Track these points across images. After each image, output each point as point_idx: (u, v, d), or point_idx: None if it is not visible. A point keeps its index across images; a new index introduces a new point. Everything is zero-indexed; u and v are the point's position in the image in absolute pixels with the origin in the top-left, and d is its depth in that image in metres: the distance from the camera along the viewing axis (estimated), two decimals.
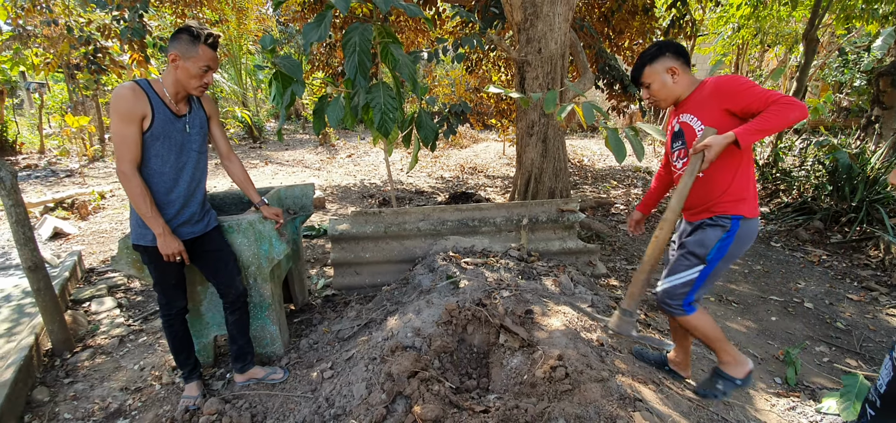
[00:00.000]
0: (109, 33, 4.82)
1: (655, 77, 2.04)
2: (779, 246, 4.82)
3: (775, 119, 1.72)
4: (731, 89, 1.86)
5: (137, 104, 1.93)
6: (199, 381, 2.40)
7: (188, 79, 2.01)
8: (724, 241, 1.96)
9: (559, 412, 1.86)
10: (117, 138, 1.93)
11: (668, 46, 2.04)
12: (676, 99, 2.07)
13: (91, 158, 10.17)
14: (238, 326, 2.42)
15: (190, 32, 1.97)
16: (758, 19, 7.57)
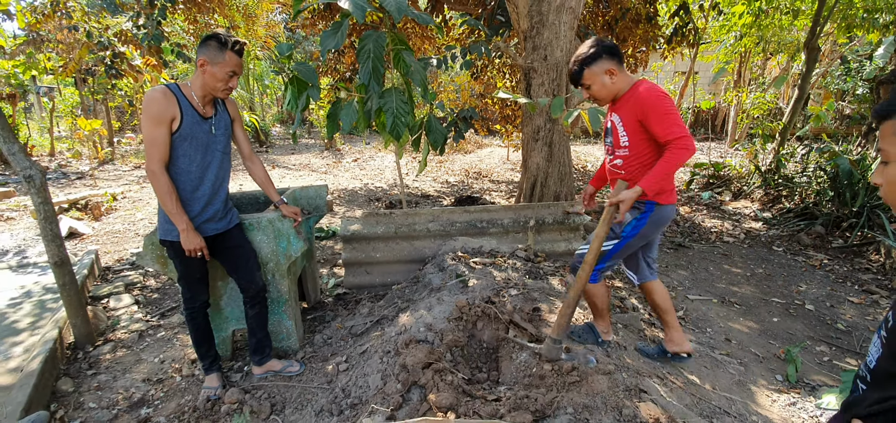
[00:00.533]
0: (126, 39, 4.95)
1: (595, 79, 2.13)
2: (781, 251, 4.89)
3: (670, 165, 1.95)
4: (650, 109, 2.00)
5: (168, 107, 2.04)
6: (219, 373, 2.49)
7: (215, 82, 2.12)
8: (639, 221, 2.19)
9: (567, 401, 1.95)
10: (148, 139, 2.03)
11: (604, 48, 2.11)
12: (614, 97, 2.18)
13: (102, 160, 10.32)
14: (258, 319, 2.51)
15: (218, 39, 2.09)
16: (760, 28, 7.67)
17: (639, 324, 3.00)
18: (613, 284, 3.82)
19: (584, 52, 2.13)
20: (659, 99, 2.00)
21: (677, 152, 1.94)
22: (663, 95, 2.02)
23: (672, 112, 1.99)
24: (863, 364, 0.94)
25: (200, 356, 2.46)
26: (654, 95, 2.00)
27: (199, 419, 2.21)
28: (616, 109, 2.17)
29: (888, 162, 0.82)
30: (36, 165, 2.60)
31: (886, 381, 0.86)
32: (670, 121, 1.97)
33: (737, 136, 11.63)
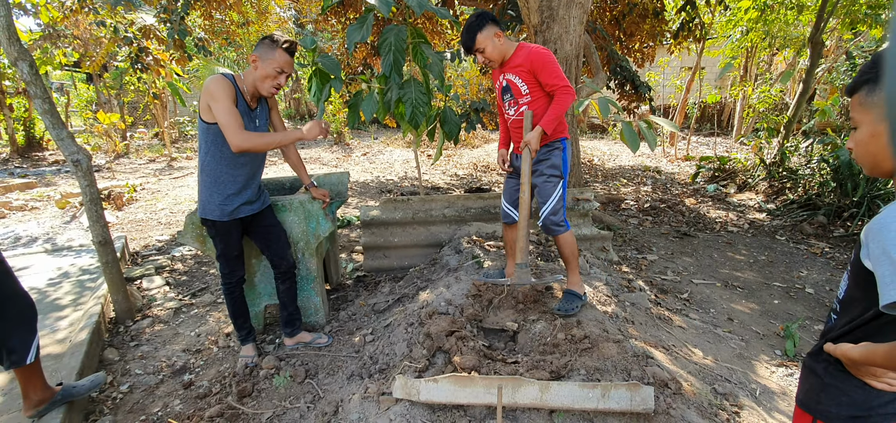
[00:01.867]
0: (150, 34, 5.14)
1: (487, 42, 2.42)
2: (784, 239, 5.04)
3: (561, 108, 2.38)
4: (541, 64, 2.38)
5: (233, 90, 2.24)
6: (253, 343, 2.69)
7: (264, 79, 2.29)
8: (563, 155, 2.54)
9: (580, 364, 2.13)
10: (227, 115, 2.16)
11: (486, 16, 2.44)
12: (503, 58, 2.49)
13: (118, 154, 10.57)
14: (289, 294, 2.70)
15: (271, 39, 2.29)
16: (765, 23, 7.77)
17: (646, 303, 3.16)
18: (621, 269, 3.99)
19: (472, 21, 2.43)
20: (547, 54, 2.39)
21: (564, 97, 2.37)
22: (548, 51, 2.41)
23: (555, 63, 2.39)
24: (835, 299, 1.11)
25: (237, 328, 2.65)
26: (543, 52, 2.39)
27: (240, 382, 2.40)
28: (510, 69, 2.48)
29: (857, 127, 0.99)
30: (82, 149, 2.79)
31: (851, 306, 1.03)
32: (557, 72, 2.37)
33: (742, 130, 11.72)
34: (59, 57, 10.83)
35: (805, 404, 1.16)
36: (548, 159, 2.52)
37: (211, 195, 2.36)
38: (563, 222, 2.53)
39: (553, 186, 2.51)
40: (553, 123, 2.40)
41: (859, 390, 1.04)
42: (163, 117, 10.54)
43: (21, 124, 11.44)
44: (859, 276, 0.98)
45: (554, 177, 2.51)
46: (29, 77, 2.58)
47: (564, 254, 2.58)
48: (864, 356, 0.96)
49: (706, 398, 2.12)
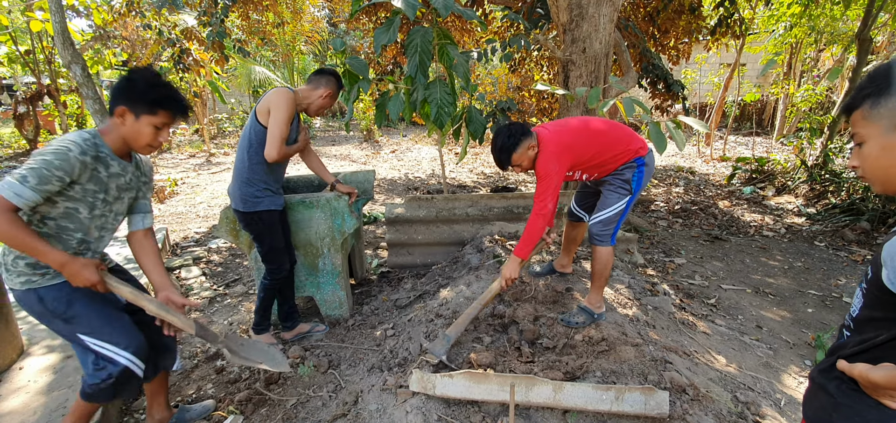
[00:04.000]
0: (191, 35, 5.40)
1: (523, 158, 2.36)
2: (823, 245, 4.83)
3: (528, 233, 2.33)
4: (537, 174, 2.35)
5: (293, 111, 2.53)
6: (269, 332, 2.83)
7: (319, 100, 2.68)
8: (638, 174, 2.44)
9: (596, 366, 2.14)
10: (279, 128, 2.44)
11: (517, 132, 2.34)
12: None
13: (161, 149, 11.09)
14: (291, 288, 2.85)
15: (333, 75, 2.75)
16: (810, 18, 7.41)
17: (669, 307, 3.12)
18: (646, 271, 3.93)
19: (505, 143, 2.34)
20: (543, 168, 2.31)
21: (533, 220, 2.31)
22: (551, 160, 2.30)
23: (547, 177, 2.29)
24: (847, 315, 1.09)
25: (263, 318, 2.78)
26: (542, 166, 2.31)
27: (267, 370, 2.52)
28: None
29: (862, 143, 0.97)
30: None
31: (866, 325, 1.01)
32: (541, 191, 2.30)
33: (784, 130, 11.23)
34: (109, 57, 11.47)
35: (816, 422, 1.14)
36: (622, 174, 2.45)
37: (259, 189, 2.55)
38: (610, 236, 2.45)
39: (617, 198, 2.44)
40: (525, 249, 2.36)
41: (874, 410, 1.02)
42: (202, 115, 11.00)
43: (74, 121, 12.17)
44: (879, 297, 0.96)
45: (622, 190, 2.44)
46: (81, 79, 2.78)
47: (595, 267, 2.51)
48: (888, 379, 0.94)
49: (726, 405, 2.09)
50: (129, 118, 1.63)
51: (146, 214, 1.90)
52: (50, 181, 1.49)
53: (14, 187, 1.45)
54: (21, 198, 1.45)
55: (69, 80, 11.52)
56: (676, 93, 6.58)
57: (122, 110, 1.62)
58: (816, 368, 1.16)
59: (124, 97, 1.62)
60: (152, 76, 1.66)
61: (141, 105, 1.62)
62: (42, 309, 1.65)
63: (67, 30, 2.70)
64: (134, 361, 1.72)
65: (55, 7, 2.67)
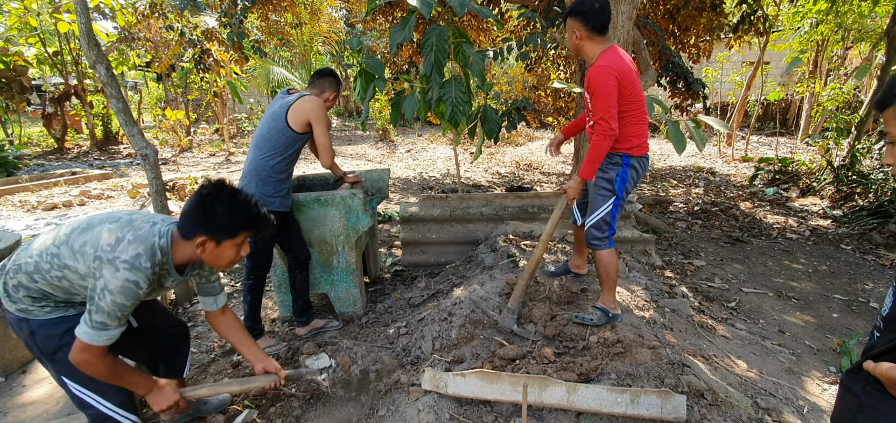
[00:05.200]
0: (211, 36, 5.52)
1: (569, 31, 2.27)
2: (849, 249, 4.68)
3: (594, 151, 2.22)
4: (592, 88, 2.19)
5: None
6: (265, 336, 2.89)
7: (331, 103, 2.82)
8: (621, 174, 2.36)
9: (611, 368, 2.10)
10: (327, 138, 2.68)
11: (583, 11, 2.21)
12: (582, 56, 2.35)
13: (183, 148, 11.34)
14: (305, 283, 2.89)
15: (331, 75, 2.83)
16: (837, 14, 7.18)
17: (687, 310, 3.06)
18: (663, 273, 3.86)
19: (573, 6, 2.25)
20: (600, 78, 2.15)
21: (598, 139, 2.20)
22: (606, 75, 2.14)
23: (604, 93, 2.14)
24: (879, 316, 1.06)
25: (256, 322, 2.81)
26: (598, 73, 2.15)
27: (284, 365, 2.55)
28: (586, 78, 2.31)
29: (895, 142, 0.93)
30: (151, 145, 3.06)
31: (895, 325, 0.98)
32: (600, 102, 2.16)
33: (809, 130, 10.92)
34: (133, 58, 11.78)
35: None
36: (604, 173, 2.39)
37: (272, 189, 2.61)
38: (605, 238, 2.41)
39: (602, 200, 2.40)
40: (590, 169, 2.27)
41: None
42: (223, 114, 11.21)
43: (100, 120, 12.52)
44: None
45: (605, 190, 2.39)
46: (106, 79, 2.85)
47: (599, 272, 2.48)
48: None
49: (746, 411, 2.04)
50: (210, 246, 1.55)
51: (217, 295, 1.86)
52: (124, 314, 1.48)
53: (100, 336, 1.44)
54: (110, 338, 1.47)
55: (96, 80, 11.86)
56: (697, 92, 6.45)
57: (202, 240, 1.53)
58: (846, 370, 1.13)
59: (204, 228, 1.53)
60: (230, 201, 1.56)
61: (222, 233, 1.55)
62: (31, 342, 1.58)
63: (93, 31, 2.77)
64: (119, 412, 1.66)
65: (81, 8, 2.74)
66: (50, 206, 6.49)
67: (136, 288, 1.45)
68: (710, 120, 3.41)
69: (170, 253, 1.56)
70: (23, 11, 8.97)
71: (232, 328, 1.90)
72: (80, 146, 12.62)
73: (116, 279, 1.42)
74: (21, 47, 11.05)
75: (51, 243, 1.53)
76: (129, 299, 1.45)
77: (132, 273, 1.44)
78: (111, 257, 1.45)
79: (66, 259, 1.48)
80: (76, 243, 1.50)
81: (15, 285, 1.53)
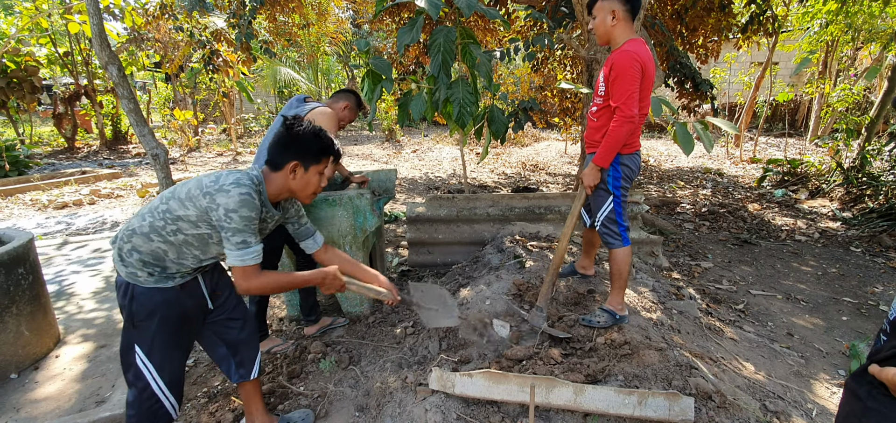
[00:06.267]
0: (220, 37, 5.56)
1: (601, 12, 2.21)
2: (859, 251, 4.64)
3: (614, 136, 2.18)
4: (615, 72, 2.14)
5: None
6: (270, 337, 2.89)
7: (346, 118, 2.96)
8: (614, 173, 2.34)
9: (618, 370, 2.10)
10: None
11: None
12: (608, 41, 2.27)
13: (191, 148, 11.42)
14: None
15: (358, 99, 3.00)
16: (848, 14, 7.11)
17: (695, 312, 3.05)
18: (671, 275, 3.85)
19: None
20: (626, 63, 2.10)
21: (619, 124, 2.15)
22: (632, 61, 2.10)
23: (628, 79, 2.11)
24: (885, 320, 1.05)
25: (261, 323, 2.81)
26: (624, 58, 2.11)
27: (291, 363, 2.57)
28: (607, 63, 2.27)
29: None
30: (161, 145, 3.09)
31: None
32: (623, 88, 2.12)
33: (819, 131, 10.82)
34: (142, 58, 11.88)
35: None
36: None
37: None
38: (618, 235, 2.40)
39: (600, 200, 2.42)
40: (607, 155, 2.23)
41: None
42: (230, 115, 11.28)
43: (109, 120, 12.65)
44: None
45: (601, 190, 2.41)
46: (117, 79, 2.89)
47: (612, 268, 2.45)
48: None
49: (754, 414, 2.03)
50: (300, 171, 1.73)
51: (313, 236, 2.01)
52: (255, 226, 1.64)
53: (246, 255, 1.61)
54: (257, 256, 1.64)
55: (105, 80, 11.98)
56: (705, 92, 6.41)
57: (293, 165, 1.71)
58: (851, 374, 1.12)
59: (293, 152, 1.71)
60: (313, 129, 1.75)
61: (310, 157, 1.73)
62: (125, 302, 1.67)
63: (105, 32, 2.80)
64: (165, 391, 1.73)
65: (93, 10, 2.77)
66: (61, 204, 6.56)
67: (251, 199, 1.60)
68: (719, 121, 3.40)
69: (263, 183, 1.71)
70: (34, 12, 9.08)
71: (342, 259, 2.01)
72: (89, 146, 12.76)
73: (232, 198, 1.57)
74: (32, 47, 11.19)
75: (158, 204, 1.66)
76: (251, 209, 1.60)
77: (242, 188, 1.59)
78: (218, 187, 1.59)
79: (176, 211, 1.61)
80: (182, 194, 1.63)
81: (129, 250, 1.64)
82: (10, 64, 9.78)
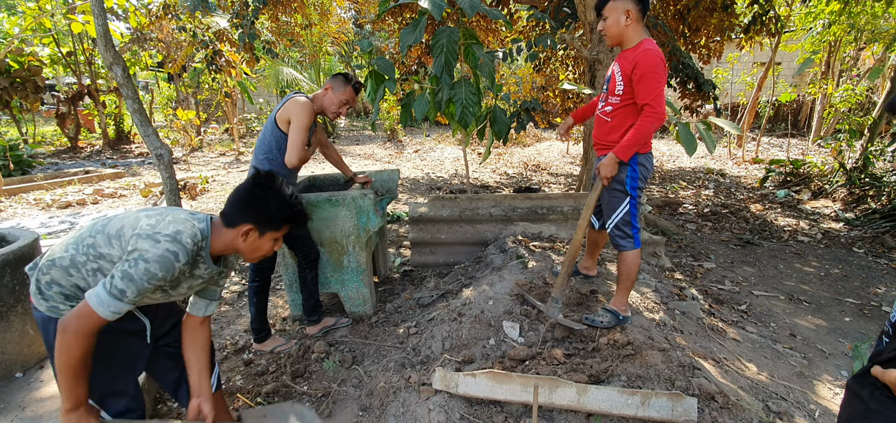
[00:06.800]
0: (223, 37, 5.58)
1: (614, 13, 2.20)
2: (862, 252, 4.63)
3: (641, 133, 2.18)
4: (642, 70, 2.14)
5: (312, 118, 2.61)
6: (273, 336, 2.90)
7: (332, 103, 2.69)
8: (632, 173, 2.34)
9: (621, 370, 2.11)
10: (299, 136, 2.54)
11: None
12: (621, 44, 2.28)
13: (193, 147, 11.45)
14: (315, 282, 2.91)
15: (345, 77, 2.69)
16: (850, 15, 7.10)
17: (698, 312, 3.05)
18: (673, 276, 3.85)
19: None
20: (652, 61, 2.13)
21: (649, 120, 2.15)
22: (658, 60, 2.14)
23: (656, 77, 2.13)
24: (887, 321, 1.06)
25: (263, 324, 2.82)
26: (650, 57, 2.13)
27: (294, 363, 2.58)
28: (619, 59, 2.29)
29: None
30: (165, 145, 3.10)
31: None
32: (651, 85, 2.13)
33: (821, 132, 10.80)
34: (145, 58, 11.92)
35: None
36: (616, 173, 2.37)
37: None
38: (630, 238, 2.39)
39: (617, 202, 2.40)
40: (631, 148, 2.22)
41: None
42: (233, 114, 11.30)
43: (112, 120, 12.68)
44: None
45: (618, 191, 2.39)
46: (122, 79, 2.90)
47: (621, 270, 2.44)
48: None
49: (757, 414, 2.03)
50: (253, 235, 1.52)
51: (211, 301, 1.69)
52: (146, 292, 1.37)
53: (110, 305, 1.32)
54: (116, 313, 1.34)
55: (108, 80, 12.01)
56: (707, 93, 6.41)
57: (247, 229, 1.50)
58: (853, 375, 1.13)
59: (252, 215, 1.51)
60: (282, 194, 1.55)
61: (269, 224, 1.53)
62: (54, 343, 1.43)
63: (109, 32, 2.82)
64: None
65: (98, 10, 2.78)
66: (64, 204, 6.59)
67: (174, 260, 1.37)
68: (722, 122, 3.40)
69: (209, 239, 1.51)
70: (38, 12, 9.11)
71: (198, 346, 1.67)
72: (92, 145, 12.79)
73: (156, 249, 1.35)
74: (35, 47, 11.22)
75: (87, 234, 1.48)
76: (164, 270, 1.36)
77: (173, 245, 1.37)
78: (151, 233, 1.38)
79: (101, 247, 1.43)
80: (112, 230, 1.45)
81: (48, 282, 1.47)
82: (13, 64, 9.81)
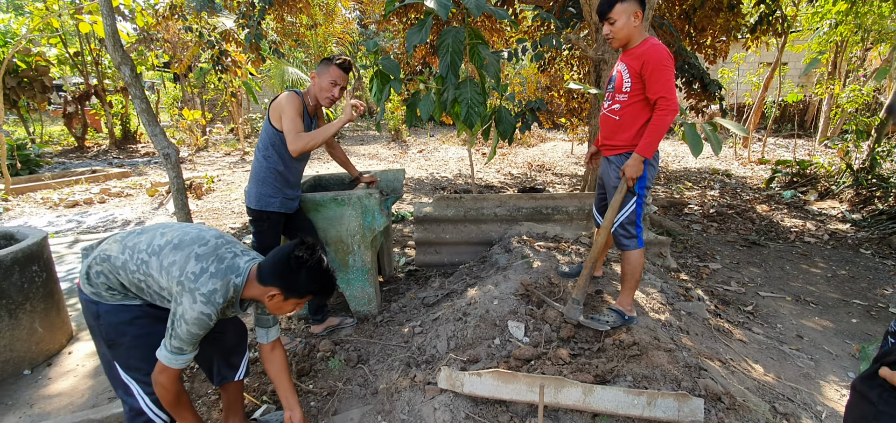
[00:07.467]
0: (229, 37, 5.61)
1: (623, 16, 2.21)
2: (869, 253, 4.60)
3: (659, 127, 2.19)
4: (652, 66, 2.16)
5: (300, 104, 2.53)
6: None
7: (321, 90, 2.57)
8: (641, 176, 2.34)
9: (627, 370, 2.10)
10: (295, 125, 2.46)
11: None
12: (627, 43, 2.30)
13: (199, 147, 11.50)
14: None
15: (327, 59, 2.58)
16: (857, 15, 7.05)
17: (703, 313, 3.04)
18: (679, 276, 3.84)
19: None
20: (661, 56, 2.16)
21: (664, 114, 2.17)
22: (665, 54, 2.17)
23: (667, 70, 2.15)
24: (893, 322, 1.05)
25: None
26: (658, 51, 2.17)
27: (300, 362, 2.59)
28: (624, 58, 2.30)
29: None
30: (172, 144, 3.12)
31: None
32: (663, 79, 2.15)
33: (828, 132, 10.73)
34: (151, 58, 11.99)
35: None
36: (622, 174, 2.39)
37: (272, 189, 2.61)
38: (634, 238, 2.41)
39: (625, 201, 2.41)
40: (652, 145, 2.22)
41: None
42: (238, 114, 11.35)
43: (118, 119, 12.76)
44: None
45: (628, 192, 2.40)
46: (130, 79, 2.92)
47: (623, 270, 2.45)
48: None
49: (763, 416, 2.02)
50: (278, 299, 1.64)
51: (268, 329, 1.88)
52: (197, 341, 1.59)
53: (175, 361, 1.57)
54: (186, 362, 1.60)
55: (115, 80, 12.09)
56: (713, 93, 6.38)
57: (274, 292, 1.62)
58: (859, 376, 1.12)
59: (282, 284, 1.62)
60: (315, 271, 1.63)
61: (295, 293, 1.64)
62: (94, 324, 1.69)
63: (117, 32, 2.84)
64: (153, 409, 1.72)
65: (106, 10, 2.81)
66: (71, 203, 6.64)
67: (207, 320, 1.56)
68: (727, 122, 3.38)
69: (242, 289, 1.64)
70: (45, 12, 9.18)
71: (276, 365, 1.90)
72: (99, 145, 12.88)
73: (193, 310, 1.53)
74: (43, 47, 11.31)
75: (145, 248, 1.63)
76: (201, 328, 1.56)
77: (206, 307, 1.54)
78: (192, 288, 1.55)
79: (152, 270, 1.60)
80: (166, 260, 1.60)
81: (97, 272, 1.65)
82: (20, 64, 9.89)
